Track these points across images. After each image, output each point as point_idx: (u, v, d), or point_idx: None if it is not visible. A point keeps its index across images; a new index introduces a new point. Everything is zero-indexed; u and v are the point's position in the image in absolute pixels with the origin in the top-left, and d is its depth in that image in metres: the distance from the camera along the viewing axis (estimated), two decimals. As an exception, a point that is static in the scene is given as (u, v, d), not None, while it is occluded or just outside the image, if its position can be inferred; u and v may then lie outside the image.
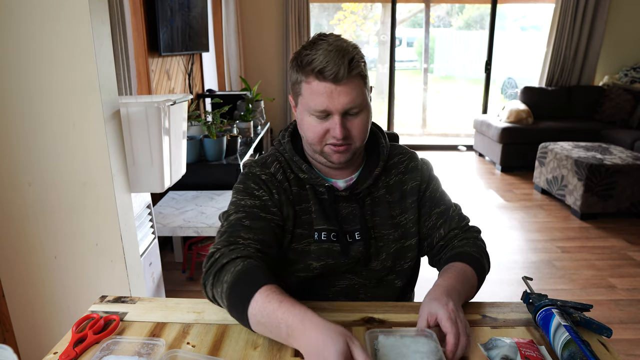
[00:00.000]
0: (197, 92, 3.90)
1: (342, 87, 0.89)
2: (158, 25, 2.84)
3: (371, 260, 1.02)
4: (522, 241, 3.16)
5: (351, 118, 0.93)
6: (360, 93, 0.92)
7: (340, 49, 0.89)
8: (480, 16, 8.96)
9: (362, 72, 0.92)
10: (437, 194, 1.07)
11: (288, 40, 5.06)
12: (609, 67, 5.25)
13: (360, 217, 1.01)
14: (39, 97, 1.39)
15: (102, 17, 1.40)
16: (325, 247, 0.99)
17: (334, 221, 1.00)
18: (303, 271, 1.00)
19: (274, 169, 1.01)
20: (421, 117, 6.86)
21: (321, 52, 0.89)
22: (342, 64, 0.87)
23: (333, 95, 0.90)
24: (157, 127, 1.67)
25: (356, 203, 1.02)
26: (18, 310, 1.58)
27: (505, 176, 4.64)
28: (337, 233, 1.00)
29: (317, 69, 0.88)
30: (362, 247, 1.00)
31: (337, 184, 1.03)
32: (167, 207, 2.57)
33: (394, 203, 1.04)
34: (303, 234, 1.00)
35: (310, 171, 1.00)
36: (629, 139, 4.26)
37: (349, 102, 0.90)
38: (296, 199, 1.00)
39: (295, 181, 1.01)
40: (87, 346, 0.80)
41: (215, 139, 2.71)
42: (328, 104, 0.90)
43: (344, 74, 0.88)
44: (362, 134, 0.96)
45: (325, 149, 0.96)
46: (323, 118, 0.93)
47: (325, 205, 1.01)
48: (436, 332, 0.79)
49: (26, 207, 1.48)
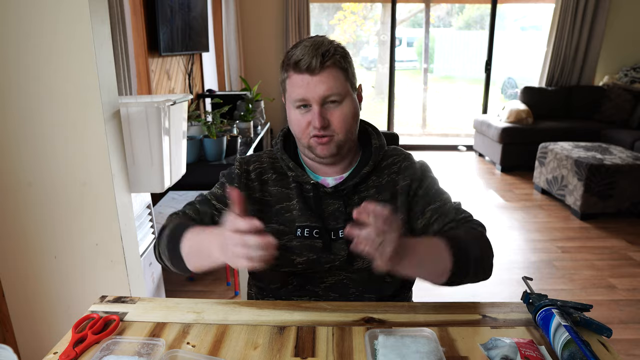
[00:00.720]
0: (197, 92, 3.89)
1: (318, 77, 0.94)
2: (158, 25, 2.84)
3: (355, 259, 1.02)
4: (522, 241, 3.16)
5: (331, 108, 0.96)
6: (338, 83, 0.95)
7: (317, 43, 0.95)
8: (480, 16, 8.96)
9: (339, 64, 0.95)
10: (431, 191, 1.05)
11: (288, 40, 5.06)
12: (609, 67, 5.25)
13: (344, 214, 1.01)
14: (39, 97, 1.39)
15: (102, 17, 1.40)
16: (307, 243, 1.01)
17: (317, 218, 1.01)
18: (287, 266, 1.01)
19: (252, 167, 1.07)
20: (421, 117, 6.86)
21: (299, 47, 0.95)
22: (316, 55, 0.93)
23: (310, 85, 0.94)
24: (157, 127, 1.67)
25: (342, 200, 1.02)
26: (18, 310, 1.58)
27: (505, 176, 4.64)
28: (319, 230, 1.01)
29: (293, 62, 0.95)
30: (345, 245, 1.00)
31: (326, 182, 1.05)
32: (167, 207, 2.57)
33: (383, 203, 1.03)
34: (285, 231, 1.02)
35: (296, 168, 1.03)
36: (629, 139, 4.26)
37: (325, 91, 0.94)
38: (275, 199, 1.05)
39: (276, 181, 1.06)
40: (87, 346, 0.80)
41: (215, 139, 2.71)
42: (305, 93, 0.95)
43: (317, 64, 0.92)
44: (344, 125, 0.97)
45: (310, 142, 0.99)
46: (305, 110, 0.97)
47: (309, 202, 1.02)
48: (436, 332, 0.79)
49: (26, 207, 1.48)
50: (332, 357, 0.78)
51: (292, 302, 0.97)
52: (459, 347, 0.81)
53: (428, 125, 7.07)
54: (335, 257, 1.00)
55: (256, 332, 0.85)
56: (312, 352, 0.79)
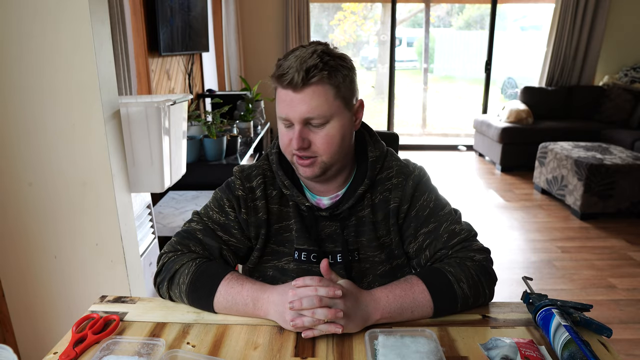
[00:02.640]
0: (197, 92, 3.89)
1: (301, 95, 0.86)
2: (158, 25, 2.84)
3: (354, 283, 0.99)
4: (522, 241, 3.16)
5: (315, 129, 0.89)
6: (323, 103, 0.86)
7: (305, 56, 0.85)
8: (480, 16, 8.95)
9: (328, 80, 0.86)
10: (425, 211, 0.97)
11: (288, 40, 5.06)
12: (609, 67, 5.25)
13: (341, 238, 0.97)
14: (39, 97, 1.39)
15: (102, 17, 1.40)
16: (305, 267, 0.98)
17: (313, 241, 0.97)
18: None
19: (255, 183, 0.99)
20: (421, 117, 6.86)
21: (289, 58, 0.87)
22: (300, 70, 0.84)
23: (293, 103, 0.87)
24: (157, 127, 1.67)
25: (338, 223, 0.98)
26: (18, 310, 1.58)
27: (505, 176, 4.64)
28: (317, 254, 0.97)
29: (278, 75, 0.87)
30: (343, 270, 0.98)
31: (321, 202, 1.00)
32: (167, 207, 2.57)
33: (378, 223, 0.98)
34: (284, 252, 1.00)
35: (292, 188, 0.97)
36: (629, 139, 4.26)
37: (306, 112, 0.86)
38: (275, 218, 1.00)
39: (277, 198, 1.00)
40: (87, 346, 0.80)
41: (215, 139, 2.71)
42: (287, 112, 0.88)
43: (299, 82, 0.84)
44: (328, 148, 0.89)
45: (294, 160, 0.93)
46: (288, 126, 0.91)
47: (307, 222, 0.98)
48: (436, 332, 0.79)
49: (26, 207, 1.48)
50: (332, 357, 0.78)
51: (292, 302, 0.97)
52: (459, 347, 0.81)
53: (428, 125, 7.07)
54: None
55: (256, 332, 0.85)
56: (312, 352, 0.79)
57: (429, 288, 0.86)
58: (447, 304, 0.87)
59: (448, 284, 0.87)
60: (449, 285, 0.87)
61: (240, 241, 1.00)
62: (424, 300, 0.86)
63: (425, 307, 0.86)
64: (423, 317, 0.88)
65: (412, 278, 0.89)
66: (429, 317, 0.88)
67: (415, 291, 0.86)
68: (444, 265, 0.91)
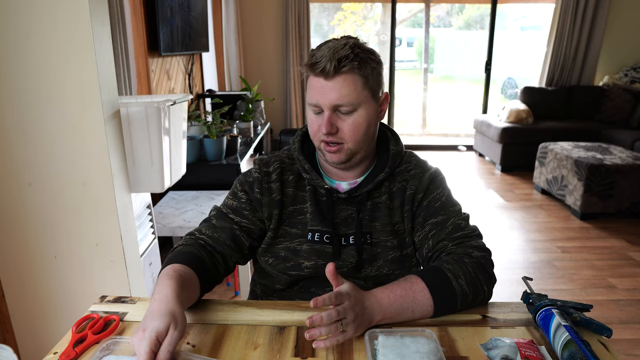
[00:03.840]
0: (197, 92, 3.89)
1: (332, 83, 0.91)
2: (158, 25, 2.84)
3: (363, 266, 1.01)
4: (522, 241, 3.16)
5: (343, 116, 0.94)
6: (353, 91, 0.91)
7: (338, 46, 0.91)
8: (480, 16, 8.96)
9: (357, 70, 0.91)
10: (437, 203, 1.01)
11: (288, 40, 5.06)
12: (609, 67, 5.25)
13: (356, 220, 1.00)
14: (39, 97, 1.39)
15: (102, 17, 1.40)
16: (317, 247, 1.00)
17: (328, 223, 1.00)
18: (295, 269, 1.01)
19: (272, 168, 1.04)
20: (421, 117, 6.86)
21: (322, 49, 0.92)
22: (332, 59, 0.89)
23: (324, 90, 0.92)
24: (157, 127, 1.67)
25: (355, 207, 1.01)
26: (18, 310, 1.58)
27: (505, 176, 4.64)
28: (330, 235, 1.00)
29: (311, 63, 0.92)
30: (355, 251, 1.00)
31: (340, 186, 1.03)
32: (167, 207, 2.57)
33: (394, 210, 1.02)
34: (297, 234, 1.02)
35: (311, 171, 1.01)
36: (629, 139, 4.26)
37: (337, 99, 0.91)
38: (290, 200, 1.03)
39: (293, 182, 1.04)
40: (87, 346, 0.80)
41: (215, 139, 2.71)
42: (318, 98, 0.93)
43: (330, 70, 0.89)
44: (355, 135, 0.95)
45: (321, 146, 0.97)
46: (318, 113, 0.95)
47: (322, 206, 1.01)
48: (436, 332, 0.79)
49: (26, 207, 1.48)
50: (332, 357, 0.78)
51: (292, 302, 0.97)
52: (459, 347, 0.81)
53: (428, 125, 7.07)
54: (344, 264, 1.00)
55: (256, 332, 0.85)
56: (312, 352, 0.79)
57: (429, 286, 0.87)
58: (447, 301, 0.88)
59: (447, 281, 0.88)
60: (447, 282, 0.88)
61: (252, 222, 1.03)
62: (424, 298, 0.86)
63: (425, 306, 0.87)
64: (424, 316, 0.88)
65: (411, 277, 0.89)
66: (430, 316, 0.88)
67: (415, 290, 0.87)
68: (442, 262, 0.92)
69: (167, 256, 0.95)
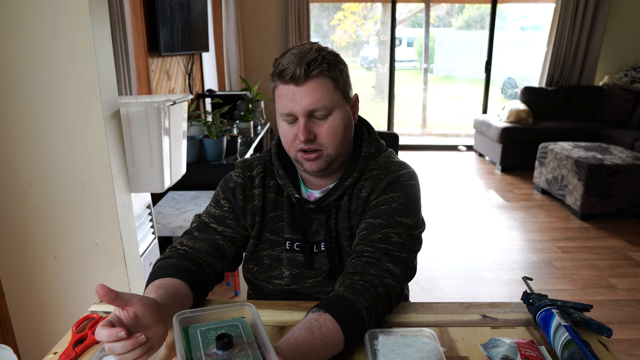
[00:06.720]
0: (197, 92, 3.89)
1: (304, 88, 0.88)
2: (158, 25, 2.84)
3: (336, 274, 0.98)
4: (522, 241, 3.16)
5: (319, 122, 0.91)
6: (325, 94, 0.89)
7: (303, 52, 0.89)
8: (480, 16, 8.95)
9: (327, 73, 0.89)
10: (384, 206, 0.93)
11: (288, 40, 5.06)
12: (609, 67, 5.25)
13: (325, 227, 0.98)
14: (39, 97, 1.39)
15: (102, 17, 1.40)
16: (290, 256, 0.99)
17: (298, 232, 0.98)
18: (277, 278, 1.01)
19: (255, 172, 1.02)
20: (421, 117, 6.86)
21: (286, 56, 0.90)
22: (301, 64, 0.87)
23: (296, 96, 0.89)
24: (157, 127, 1.67)
25: (324, 214, 0.99)
26: (18, 310, 1.58)
27: (505, 176, 4.64)
28: (300, 243, 0.98)
29: (278, 72, 0.90)
30: (326, 259, 0.98)
31: (312, 195, 1.01)
32: (167, 207, 2.57)
33: (352, 213, 0.98)
34: (278, 241, 1.01)
35: (284, 178, 0.99)
36: (629, 139, 4.26)
37: (311, 103, 0.89)
38: (270, 206, 1.01)
39: (274, 188, 1.02)
40: (87, 346, 0.80)
41: (215, 139, 2.71)
42: (291, 106, 0.90)
43: (301, 75, 0.87)
44: (334, 139, 0.92)
45: (298, 157, 0.94)
46: (291, 122, 0.92)
47: (296, 214, 0.99)
48: (436, 332, 0.79)
49: (26, 207, 1.48)
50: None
51: (292, 302, 0.97)
52: (459, 347, 0.81)
53: (428, 125, 7.08)
54: (317, 273, 0.99)
55: (256, 332, 0.85)
56: (312, 352, 0.79)
57: (344, 332, 0.76)
58: (357, 336, 0.79)
59: (362, 323, 0.79)
60: (362, 325, 0.79)
61: (235, 231, 1.01)
62: (336, 342, 0.75)
63: (336, 346, 0.76)
64: (336, 351, 0.76)
65: (325, 320, 0.76)
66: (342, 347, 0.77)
67: (328, 335, 0.75)
68: (360, 298, 0.80)
69: (149, 275, 0.91)
